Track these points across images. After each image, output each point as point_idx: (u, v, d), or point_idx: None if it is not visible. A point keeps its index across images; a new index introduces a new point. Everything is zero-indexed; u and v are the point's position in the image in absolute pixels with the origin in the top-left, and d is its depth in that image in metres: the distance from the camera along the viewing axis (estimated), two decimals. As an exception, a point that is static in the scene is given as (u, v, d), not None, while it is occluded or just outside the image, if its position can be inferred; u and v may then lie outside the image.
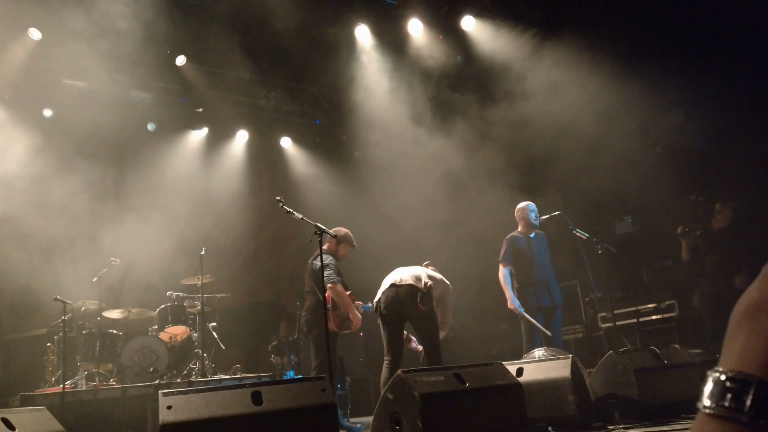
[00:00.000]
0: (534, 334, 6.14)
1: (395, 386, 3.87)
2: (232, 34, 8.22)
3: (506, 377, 4.25)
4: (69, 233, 8.34)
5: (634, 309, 7.60)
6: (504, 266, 6.34)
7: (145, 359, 7.02)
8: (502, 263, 6.36)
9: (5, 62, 7.90)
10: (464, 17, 8.73)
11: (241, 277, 9.87)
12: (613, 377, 4.95)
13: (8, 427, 3.36)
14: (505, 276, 6.29)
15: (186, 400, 3.25)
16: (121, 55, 7.76)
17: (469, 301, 9.25)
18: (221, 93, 9.78)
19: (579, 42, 7.80)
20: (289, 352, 7.97)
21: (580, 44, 7.78)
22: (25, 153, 8.38)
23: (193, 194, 9.76)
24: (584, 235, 6.25)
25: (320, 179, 10.76)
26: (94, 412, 6.14)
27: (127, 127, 9.17)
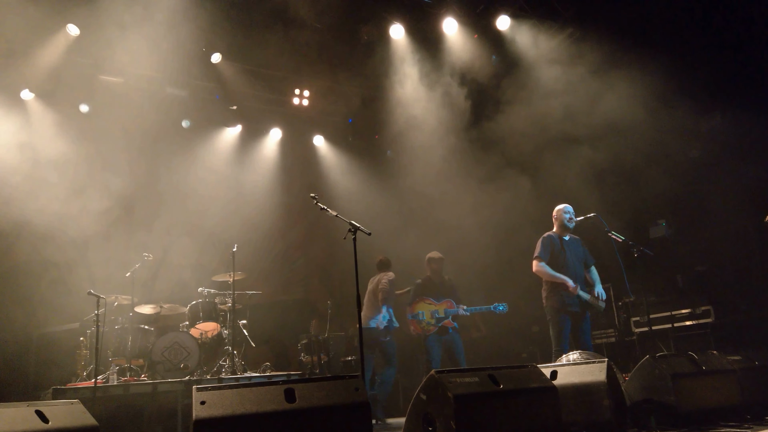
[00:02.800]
0: (563, 337, 6.05)
1: (428, 386, 3.81)
2: (267, 32, 8.24)
3: (541, 380, 4.16)
4: (102, 228, 8.45)
5: (668, 314, 7.42)
6: (540, 261, 6.26)
7: (176, 355, 7.05)
8: (538, 259, 6.28)
9: (44, 58, 8.02)
10: (500, 17, 8.64)
11: (272, 274, 9.91)
12: (650, 382, 4.82)
13: (42, 420, 3.36)
14: (544, 267, 6.22)
15: (219, 395, 3.23)
16: (158, 52, 7.85)
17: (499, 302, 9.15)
18: (256, 90, 9.83)
19: (615, 43, 7.66)
20: (319, 350, 7.95)
21: (615, 45, 7.64)
22: (61, 147, 8.54)
23: (225, 191, 9.84)
24: (620, 238, 6.11)
25: (352, 177, 10.76)
26: (125, 407, 6.18)
27: (162, 124, 9.28)
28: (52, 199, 8.32)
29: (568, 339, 6.10)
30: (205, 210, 9.40)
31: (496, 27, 8.72)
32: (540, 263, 6.27)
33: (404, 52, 9.02)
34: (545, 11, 8.82)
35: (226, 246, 7.83)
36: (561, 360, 5.45)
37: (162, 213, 9.18)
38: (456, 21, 8.67)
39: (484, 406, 3.73)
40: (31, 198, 8.12)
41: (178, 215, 9.29)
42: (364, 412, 3.50)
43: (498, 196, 8.84)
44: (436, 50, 9.02)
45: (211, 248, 9.22)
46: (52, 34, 7.92)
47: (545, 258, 6.28)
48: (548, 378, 4.28)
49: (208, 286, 8.08)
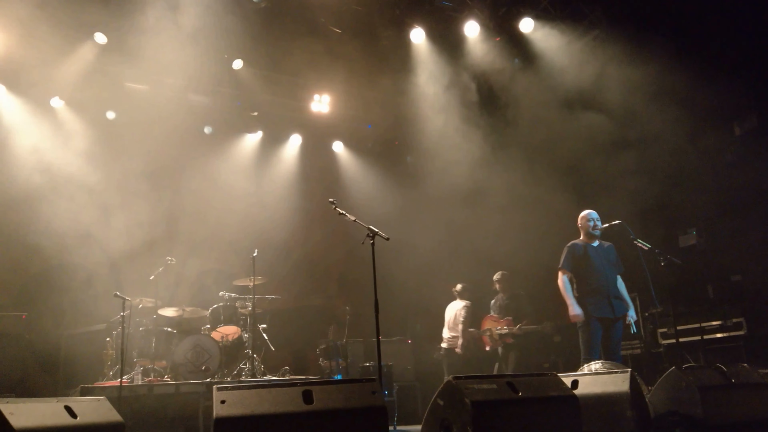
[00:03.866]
0: (593, 345, 5.91)
1: (446, 392, 3.77)
2: (288, 38, 8.32)
3: (561, 388, 4.09)
4: (128, 232, 8.61)
5: (698, 326, 7.21)
6: (563, 273, 6.16)
7: (197, 357, 7.14)
8: (562, 270, 6.18)
9: (72, 66, 8.23)
10: (523, 19, 8.53)
11: (292, 279, 9.96)
12: (676, 394, 4.69)
13: (71, 415, 3.47)
14: (564, 283, 6.12)
15: (239, 395, 3.31)
16: (181, 59, 7.97)
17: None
18: (276, 97, 9.92)
19: (643, 44, 7.51)
20: (337, 355, 7.96)
21: (644, 47, 7.49)
22: (89, 154, 8.73)
23: (246, 196, 9.94)
24: (646, 246, 5.97)
25: (371, 183, 10.78)
26: (149, 407, 6.29)
27: (185, 130, 9.43)
28: (80, 205, 8.53)
29: (600, 347, 5.97)
30: (226, 215, 9.51)
31: (519, 29, 8.61)
32: (562, 276, 6.18)
33: (425, 57, 8.99)
34: (570, 13, 8.69)
35: (247, 251, 7.90)
36: (583, 369, 5.36)
37: (185, 218, 9.32)
38: (477, 24, 8.60)
39: (502, 414, 3.69)
40: (60, 203, 8.34)
41: (201, 220, 9.42)
42: (380, 415, 3.49)
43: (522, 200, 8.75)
44: (457, 54, 8.95)
45: (232, 253, 9.32)
46: (80, 42, 8.12)
47: (568, 268, 6.19)
48: (569, 387, 4.21)
49: (229, 291, 8.16)
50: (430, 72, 9.00)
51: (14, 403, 3.29)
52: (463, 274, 8.97)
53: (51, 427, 3.30)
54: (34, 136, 8.54)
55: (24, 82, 8.47)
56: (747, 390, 4.77)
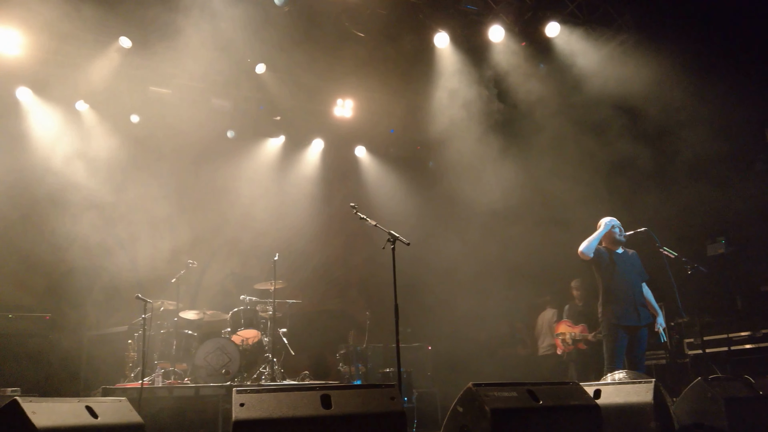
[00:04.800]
0: (617, 354, 5.79)
1: (466, 399, 3.72)
2: (311, 42, 8.32)
3: (583, 398, 4.02)
4: (150, 235, 8.70)
5: (725, 336, 7.05)
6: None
7: (218, 360, 7.16)
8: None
9: (97, 69, 8.33)
10: (549, 24, 8.42)
11: (312, 283, 9.97)
12: (701, 405, 4.58)
13: (92, 415, 3.51)
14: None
15: (258, 398, 3.31)
16: (204, 63, 8.04)
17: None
18: (299, 101, 9.94)
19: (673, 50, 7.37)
20: (356, 361, 7.94)
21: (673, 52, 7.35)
22: (113, 157, 8.85)
23: (268, 200, 9.97)
24: (672, 254, 5.85)
25: (394, 188, 10.75)
26: (169, 409, 6.33)
27: (208, 134, 9.51)
28: (105, 208, 8.64)
29: (624, 356, 5.85)
30: (248, 219, 9.55)
31: (545, 34, 8.50)
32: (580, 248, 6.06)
33: (449, 61, 8.92)
34: (597, 17, 8.58)
35: (268, 255, 7.92)
36: (606, 379, 5.26)
37: (206, 221, 9.38)
38: (502, 28, 8.52)
39: (522, 422, 3.63)
40: (84, 206, 8.46)
41: (222, 224, 9.49)
42: (399, 420, 3.46)
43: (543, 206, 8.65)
44: (481, 59, 8.87)
45: (253, 256, 9.35)
46: (105, 46, 8.22)
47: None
48: (591, 396, 4.13)
49: (249, 294, 8.19)
50: (454, 77, 8.93)
51: (37, 402, 3.33)
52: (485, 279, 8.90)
53: (72, 426, 3.33)
54: (59, 138, 8.66)
55: (50, 85, 8.58)
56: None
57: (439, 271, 9.41)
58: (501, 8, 8.44)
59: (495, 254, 8.91)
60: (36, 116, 8.67)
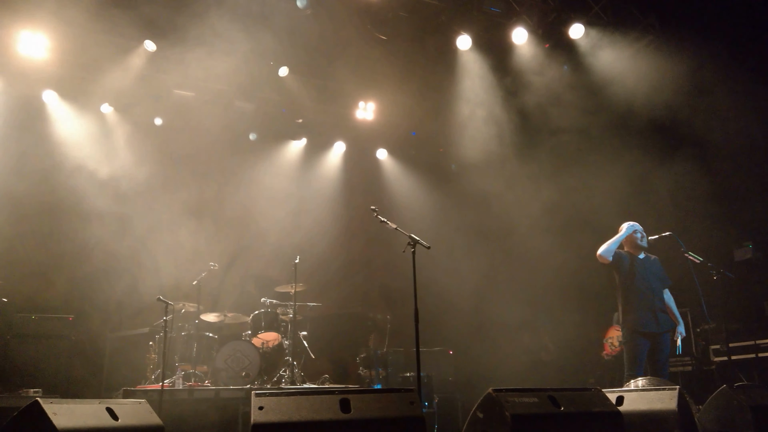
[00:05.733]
0: (638, 361, 5.70)
1: (486, 405, 3.69)
2: (333, 45, 8.34)
3: (605, 404, 3.96)
4: (172, 237, 8.76)
5: (753, 343, 6.92)
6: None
7: (238, 363, 7.19)
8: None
9: (122, 72, 8.43)
10: (572, 25, 8.32)
11: (333, 287, 9.95)
12: (727, 414, 4.48)
13: (112, 417, 3.54)
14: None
15: (277, 402, 3.31)
16: (227, 66, 8.09)
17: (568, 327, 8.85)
18: (321, 104, 9.95)
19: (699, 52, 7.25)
20: (377, 365, 7.90)
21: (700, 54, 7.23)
22: (137, 160, 8.95)
23: (290, 203, 10.00)
24: (697, 259, 5.75)
25: (415, 191, 10.70)
26: (189, 411, 6.31)
27: (230, 136, 9.57)
28: (128, 210, 8.73)
29: (644, 363, 5.77)
30: (269, 221, 9.58)
31: (569, 36, 8.41)
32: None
33: (471, 64, 8.88)
34: (623, 18, 8.47)
35: (289, 257, 7.94)
36: (629, 385, 5.18)
37: (228, 223, 9.43)
38: (526, 30, 8.45)
39: (542, 428, 3.60)
40: (108, 209, 8.54)
41: (244, 226, 9.53)
42: (418, 426, 3.44)
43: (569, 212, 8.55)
44: (504, 61, 8.82)
45: (274, 259, 9.37)
46: (131, 50, 8.32)
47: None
48: (613, 403, 4.06)
49: (270, 297, 8.19)
50: (477, 79, 8.89)
51: (58, 403, 3.38)
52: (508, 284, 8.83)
53: (92, 428, 3.36)
54: (83, 141, 8.77)
55: (75, 88, 8.69)
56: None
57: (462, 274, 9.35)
58: (524, 10, 8.37)
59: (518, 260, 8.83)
60: (61, 119, 8.80)
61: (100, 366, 8.13)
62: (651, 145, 7.90)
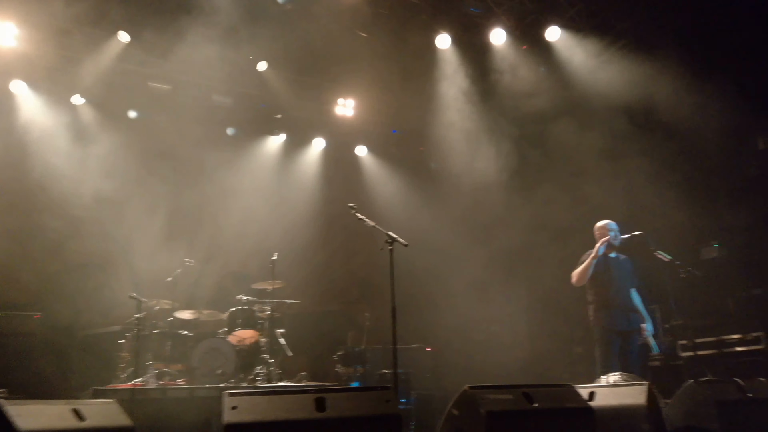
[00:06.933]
0: (611, 358, 5.84)
1: (461, 402, 3.73)
2: (313, 40, 8.27)
3: (577, 400, 4.04)
4: (147, 233, 8.63)
5: (718, 339, 7.11)
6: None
7: (213, 361, 7.08)
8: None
9: (95, 63, 8.23)
10: (549, 28, 8.46)
11: (311, 284, 9.91)
12: (692, 408, 4.60)
13: (78, 418, 3.40)
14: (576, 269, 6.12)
15: (250, 401, 3.26)
16: (205, 60, 7.97)
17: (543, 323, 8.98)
18: (301, 100, 9.88)
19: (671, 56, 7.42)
20: (355, 362, 7.90)
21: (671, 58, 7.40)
22: (110, 153, 8.76)
23: (268, 199, 9.90)
24: (666, 257, 5.89)
25: (395, 189, 10.70)
26: (162, 411, 6.15)
27: (207, 131, 9.43)
28: (101, 205, 8.56)
29: (616, 360, 5.90)
30: (247, 217, 9.49)
31: (546, 38, 8.55)
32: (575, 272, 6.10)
33: (450, 63, 8.94)
34: (598, 22, 8.63)
35: (267, 254, 7.87)
36: (601, 381, 5.29)
37: (205, 219, 9.33)
38: (504, 31, 8.54)
39: (517, 424, 3.65)
40: (79, 202, 8.33)
41: (221, 222, 9.42)
42: (394, 424, 3.46)
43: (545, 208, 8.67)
44: (483, 61, 8.89)
45: (252, 256, 9.30)
46: (103, 40, 8.12)
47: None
48: (585, 399, 4.15)
49: (247, 294, 8.09)
50: (456, 78, 8.95)
51: (21, 404, 3.23)
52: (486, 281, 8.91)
53: (58, 430, 3.24)
54: (54, 133, 8.53)
55: (46, 79, 8.46)
56: (764, 405, 4.68)
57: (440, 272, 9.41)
58: (503, 11, 8.46)
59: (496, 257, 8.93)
60: (30, 110, 8.52)
61: (69, 365, 7.92)
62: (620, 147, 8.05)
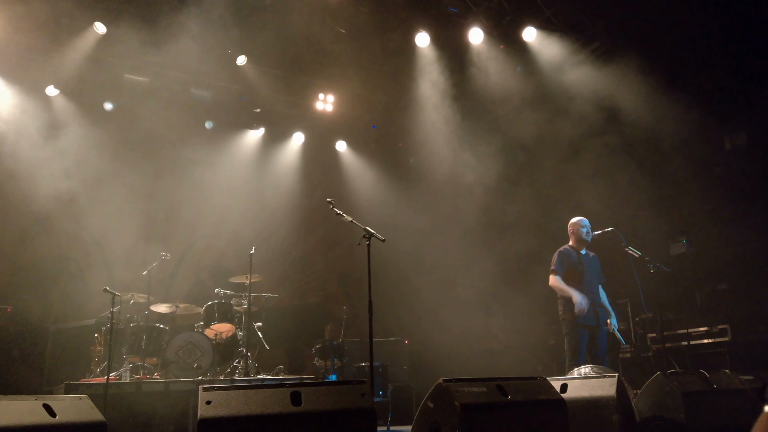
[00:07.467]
0: (580, 351, 5.96)
1: (436, 395, 3.78)
2: (293, 36, 8.26)
3: (550, 392, 4.11)
4: (122, 226, 8.54)
5: (685, 332, 7.31)
6: (556, 275, 6.18)
7: (189, 355, 7.06)
8: (553, 272, 6.18)
9: (70, 55, 8.11)
10: (526, 28, 8.55)
11: (289, 278, 9.91)
12: (660, 399, 4.74)
13: (49, 414, 3.36)
14: (559, 281, 6.11)
15: (225, 396, 3.25)
16: (183, 52, 7.88)
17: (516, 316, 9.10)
18: (280, 94, 9.85)
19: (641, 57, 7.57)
20: (332, 355, 7.94)
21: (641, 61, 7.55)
22: (85, 145, 8.62)
23: (246, 193, 9.86)
24: (636, 253, 6.03)
25: (374, 184, 10.73)
26: (137, 405, 6.12)
27: (186, 124, 9.33)
28: (74, 196, 8.43)
29: (585, 353, 6.03)
30: (225, 211, 9.45)
31: (522, 38, 8.64)
32: (555, 276, 6.18)
33: (429, 61, 8.99)
34: (573, 24, 8.74)
35: (245, 248, 7.85)
36: (573, 373, 5.39)
37: (182, 213, 9.25)
38: (482, 31, 8.60)
39: (491, 417, 3.70)
40: (53, 194, 8.22)
41: (199, 216, 9.36)
42: (370, 417, 3.49)
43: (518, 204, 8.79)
44: (461, 60, 8.95)
45: (230, 250, 9.27)
46: (79, 31, 8.01)
47: (561, 272, 6.19)
48: (557, 391, 4.24)
49: (225, 288, 8.07)
50: (434, 76, 9.00)
51: None
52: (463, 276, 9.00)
53: (28, 425, 3.19)
54: (27, 123, 8.37)
55: (18, 68, 8.30)
56: (728, 396, 4.83)
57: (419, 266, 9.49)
58: (481, 11, 8.52)
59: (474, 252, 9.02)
60: (3, 100, 8.36)
61: (41, 359, 7.82)
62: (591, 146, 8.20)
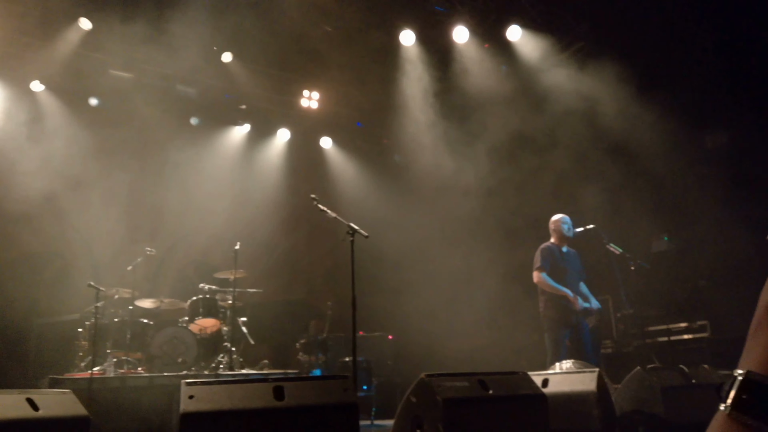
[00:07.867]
0: (560, 347, 6.03)
1: (419, 389, 3.83)
2: (278, 33, 8.27)
3: (531, 387, 4.18)
4: (107, 221, 8.51)
5: (666, 327, 7.42)
6: (542, 271, 6.22)
7: (174, 350, 7.09)
8: (540, 269, 6.21)
9: (55, 50, 8.08)
10: (510, 27, 8.62)
11: (275, 273, 9.93)
12: (640, 394, 4.82)
13: (33, 408, 3.37)
14: (547, 279, 6.16)
15: (208, 390, 3.26)
16: (169, 49, 7.88)
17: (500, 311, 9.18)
18: (265, 91, 9.86)
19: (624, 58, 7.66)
20: (317, 350, 7.98)
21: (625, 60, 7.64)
22: (70, 140, 8.60)
23: (232, 189, 9.88)
24: (618, 250, 6.12)
25: (359, 181, 10.77)
26: (121, 399, 6.15)
27: (171, 120, 9.31)
28: (59, 191, 8.40)
29: (566, 349, 6.10)
30: (210, 207, 9.44)
31: (507, 37, 8.69)
32: (541, 274, 6.21)
33: (414, 59, 9.04)
34: (557, 24, 8.82)
35: (230, 243, 7.87)
36: (554, 368, 5.47)
37: (167, 209, 9.24)
38: (467, 29, 8.66)
39: (473, 411, 3.75)
40: (38, 189, 8.19)
41: (184, 211, 9.35)
42: (352, 412, 3.53)
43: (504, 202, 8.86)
44: (446, 58, 9.01)
45: (215, 245, 9.26)
46: (64, 26, 7.98)
47: (546, 269, 6.24)
48: (538, 386, 4.30)
49: (210, 283, 8.09)
50: (419, 74, 9.06)
51: None
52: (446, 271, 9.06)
53: (11, 419, 3.19)
54: (10, 118, 8.36)
55: (3, 64, 8.26)
56: (706, 390, 4.92)
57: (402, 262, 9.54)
58: (466, 10, 8.56)
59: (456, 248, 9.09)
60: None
61: (25, 354, 7.83)
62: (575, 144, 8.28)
